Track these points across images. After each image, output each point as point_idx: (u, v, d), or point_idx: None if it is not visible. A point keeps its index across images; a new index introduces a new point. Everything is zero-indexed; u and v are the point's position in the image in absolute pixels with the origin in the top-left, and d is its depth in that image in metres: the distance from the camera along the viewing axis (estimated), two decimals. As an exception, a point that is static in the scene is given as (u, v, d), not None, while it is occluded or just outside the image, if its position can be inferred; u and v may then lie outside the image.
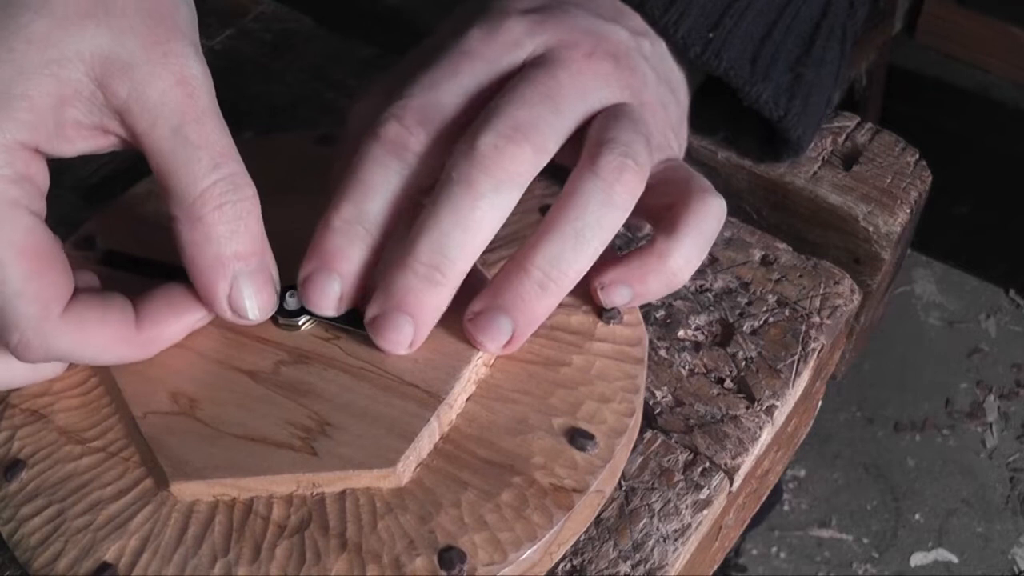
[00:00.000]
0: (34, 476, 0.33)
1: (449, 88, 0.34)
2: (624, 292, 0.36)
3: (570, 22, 0.36)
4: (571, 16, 0.37)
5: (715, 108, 0.45)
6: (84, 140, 0.32)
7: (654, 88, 0.38)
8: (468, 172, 0.32)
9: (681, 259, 0.35)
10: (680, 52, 0.40)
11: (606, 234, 0.34)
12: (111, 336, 0.32)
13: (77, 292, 0.32)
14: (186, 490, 0.32)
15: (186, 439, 0.33)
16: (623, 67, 0.36)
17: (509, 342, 0.34)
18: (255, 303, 0.33)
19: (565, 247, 0.33)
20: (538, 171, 0.33)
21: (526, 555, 0.31)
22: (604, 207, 0.33)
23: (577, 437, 0.33)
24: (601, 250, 0.34)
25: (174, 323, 0.34)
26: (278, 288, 0.34)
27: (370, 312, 0.34)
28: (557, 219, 0.33)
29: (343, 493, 0.32)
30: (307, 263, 0.34)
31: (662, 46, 0.40)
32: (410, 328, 0.33)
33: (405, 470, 0.32)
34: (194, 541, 0.32)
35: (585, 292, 0.37)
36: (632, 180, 0.33)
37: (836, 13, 0.44)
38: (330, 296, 0.34)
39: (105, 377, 0.35)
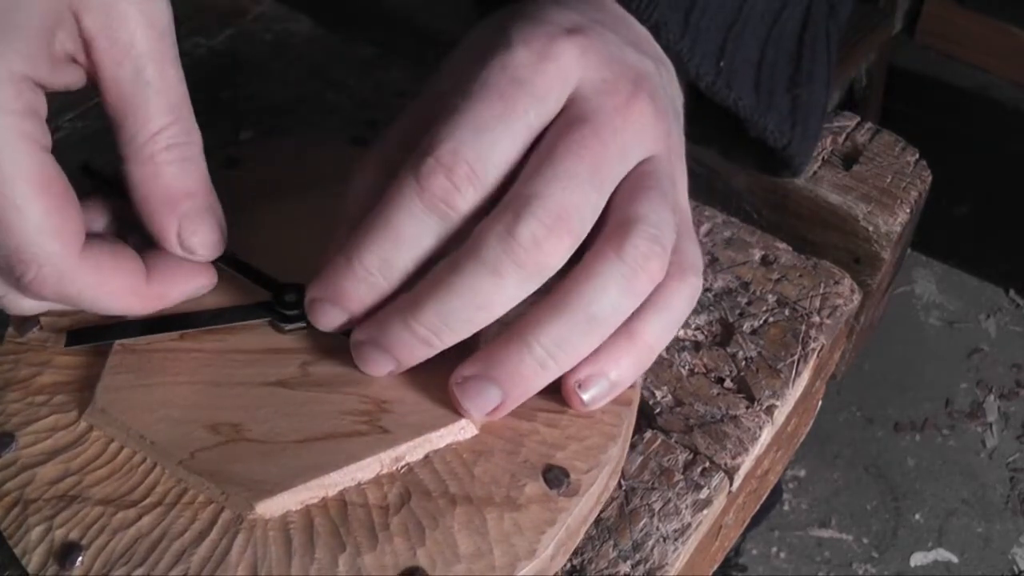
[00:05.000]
0: (96, 554, 0.31)
1: (503, 133, 0.31)
2: (603, 384, 0.33)
3: (607, 50, 0.33)
4: (607, 42, 0.34)
5: (706, 122, 0.43)
6: (62, 72, 0.32)
7: (675, 131, 0.36)
8: (499, 261, 0.30)
9: (651, 337, 0.33)
10: (689, 79, 0.39)
11: (618, 321, 0.32)
12: (122, 285, 0.33)
13: (89, 237, 0.32)
14: (273, 506, 0.32)
15: (249, 461, 0.32)
16: (659, 111, 0.34)
17: (495, 410, 0.33)
18: (204, 240, 0.34)
19: (575, 330, 0.31)
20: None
21: (612, 453, 0.33)
22: (623, 295, 0.31)
23: None
24: (608, 335, 0.32)
25: (183, 283, 0.34)
26: (224, 230, 0.35)
27: (356, 336, 0.33)
28: (570, 298, 0.31)
29: (427, 458, 0.33)
30: (319, 289, 0.33)
31: (672, 70, 0.38)
32: (392, 366, 0.33)
33: None
34: (305, 549, 0.31)
35: None
36: (657, 269, 0.32)
37: (816, 20, 0.43)
38: (334, 324, 0.34)
39: (130, 436, 0.34)
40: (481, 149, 0.31)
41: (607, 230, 0.32)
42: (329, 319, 0.33)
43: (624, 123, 0.32)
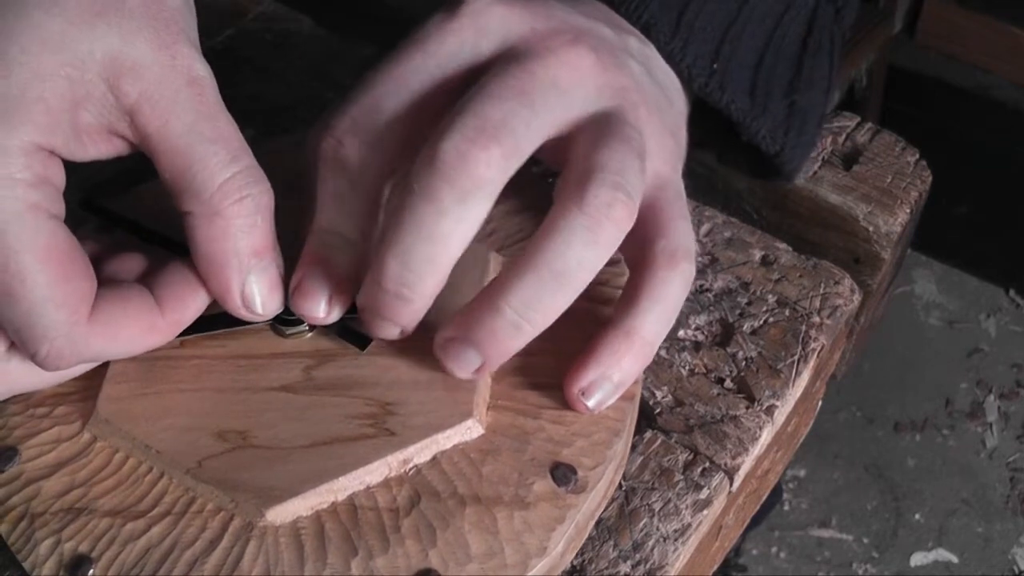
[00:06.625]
0: (107, 565, 0.31)
1: (391, 88, 0.33)
2: (607, 387, 0.33)
3: (546, 11, 0.34)
4: (549, 6, 0.34)
5: (703, 124, 0.43)
6: (95, 144, 0.31)
7: (647, 88, 0.35)
8: (429, 182, 0.30)
9: (648, 332, 0.33)
10: (684, 79, 0.38)
11: (588, 275, 0.31)
12: (139, 329, 0.32)
13: (98, 290, 0.32)
14: (283, 512, 0.32)
15: (257, 468, 0.32)
16: (607, 63, 0.33)
17: (478, 370, 0.33)
18: (266, 300, 0.33)
19: (543, 289, 0.31)
20: (510, 175, 0.31)
21: (617, 448, 0.33)
22: (588, 247, 0.30)
23: None
24: (582, 289, 0.31)
25: (194, 301, 0.33)
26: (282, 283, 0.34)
27: (358, 300, 0.34)
28: (535, 256, 0.31)
29: (435, 459, 0.33)
30: (296, 271, 0.34)
31: (652, 49, 0.37)
32: (395, 329, 0.33)
33: (480, 416, 0.34)
34: (317, 554, 0.31)
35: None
36: (622, 216, 0.31)
37: (821, 26, 0.42)
38: (318, 299, 0.34)
39: (135, 446, 0.34)
40: (366, 104, 0.33)
41: (569, 184, 0.31)
42: (312, 293, 0.34)
43: (557, 63, 0.32)
